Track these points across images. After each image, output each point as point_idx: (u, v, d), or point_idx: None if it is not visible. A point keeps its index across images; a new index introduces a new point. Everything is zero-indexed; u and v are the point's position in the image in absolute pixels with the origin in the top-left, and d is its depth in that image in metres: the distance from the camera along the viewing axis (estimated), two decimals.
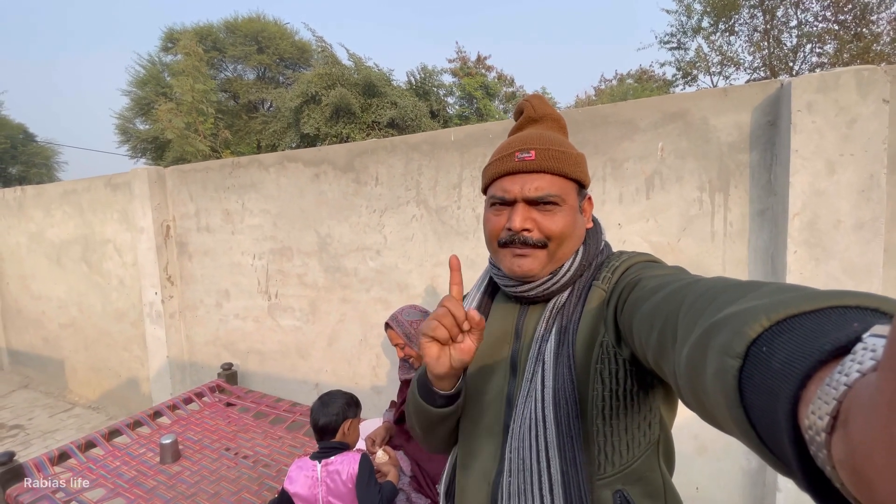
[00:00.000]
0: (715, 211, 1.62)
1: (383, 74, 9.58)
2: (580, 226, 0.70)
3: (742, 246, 1.60)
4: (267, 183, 2.71)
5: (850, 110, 1.36)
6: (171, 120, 9.60)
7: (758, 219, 1.57)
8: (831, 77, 1.38)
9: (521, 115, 0.76)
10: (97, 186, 3.54)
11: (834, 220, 1.39)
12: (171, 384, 3.23)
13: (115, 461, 2.05)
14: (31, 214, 4.11)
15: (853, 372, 0.21)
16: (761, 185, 1.55)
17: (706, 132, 1.61)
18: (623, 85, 15.52)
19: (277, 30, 13.73)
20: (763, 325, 0.29)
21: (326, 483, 1.34)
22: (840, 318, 0.27)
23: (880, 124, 1.34)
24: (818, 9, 10.92)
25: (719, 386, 0.31)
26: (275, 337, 2.86)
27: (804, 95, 1.39)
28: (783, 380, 0.26)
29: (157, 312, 3.18)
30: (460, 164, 2.10)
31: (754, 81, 8.87)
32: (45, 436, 3.34)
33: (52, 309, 4.14)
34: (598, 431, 0.61)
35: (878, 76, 1.35)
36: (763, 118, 1.53)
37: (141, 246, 3.18)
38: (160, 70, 13.08)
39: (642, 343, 0.50)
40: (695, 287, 0.44)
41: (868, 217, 1.37)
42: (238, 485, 1.86)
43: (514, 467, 0.63)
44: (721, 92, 1.58)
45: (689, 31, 12.55)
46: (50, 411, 3.81)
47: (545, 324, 0.67)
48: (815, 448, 0.23)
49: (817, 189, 1.40)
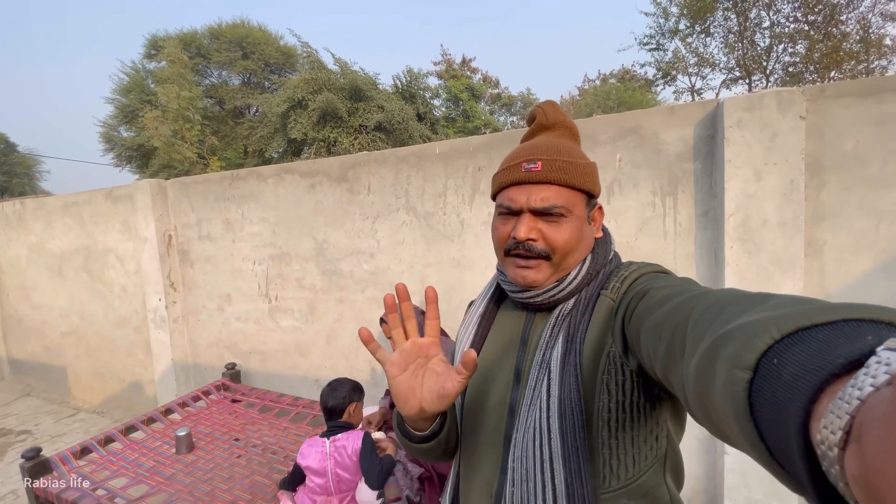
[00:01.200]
0: (666, 213, 1.86)
1: (369, 78, 9.74)
2: (587, 236, 0.69)
3: (690, 242, 1.84)
4: (266, 193, 2.90)
5: (772, 126, 1.61)
6: (157, 128, 9.67)
7: (702, 219, 1.81)
8: (756, 98, 1.62)
9: (533, 122, 0.75)
10: (98, 199, 3.69)
11: (762, 219, 1.64)
12: (176, 386, 3.40)
13: (134, 454, 2.23)
14: (31, 227, 4.23)
15: (866, 386, 0.21)
16: (704, 189, 1.80)
17: (657, 145, 1.85)
18: (606, 85, 15.83)
19: (262, 35, 13.79)
20: (774, 336, 0.29)
21: (334, 457, 1.55)
22: (853, 331, 0.26)
23: (798, 138, 1.59)
24: (789, 10, 11.35)
25: (728, 398, 0.30)
26: (276, 337, 3.05)
27: (735, 113, 1.64)
28: (794, 393, 0.25)
29: (161, 317, 3.35)
30: (445, 174, 2.31)
31: (730, 82, 9.10)
32: (54, 439, 3.48)
33: (53, 318, 4.26)
34: (603, 443, 0.60)
35: (796, 97, 1.60)
36: (704, 132, 1.78)
37: (144, 255, 3.34)
38: (144, 77, 13.05)
39: (650, 354, 0.50)
40: (704, 299, 0.44)
41: (790, 216, 1.62)
42: (250, 469, 2.05)
43: (517, 477, 0.63)
44: (669, 110, 1.82)
45: (666, 33, 12.91)
46: (55, 417, 3.94)
47: (550, 331, 0.67)
48: (827, 463, 0.22)
49: (748, 193, 1.64)
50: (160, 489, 1.93)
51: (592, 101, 14.49)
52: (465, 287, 2.35)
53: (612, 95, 14.55)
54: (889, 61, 10.87)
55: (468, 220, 2.29)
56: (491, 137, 2.21)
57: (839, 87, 1.59)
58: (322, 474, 1.54)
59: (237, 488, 1.91)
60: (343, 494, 1.58)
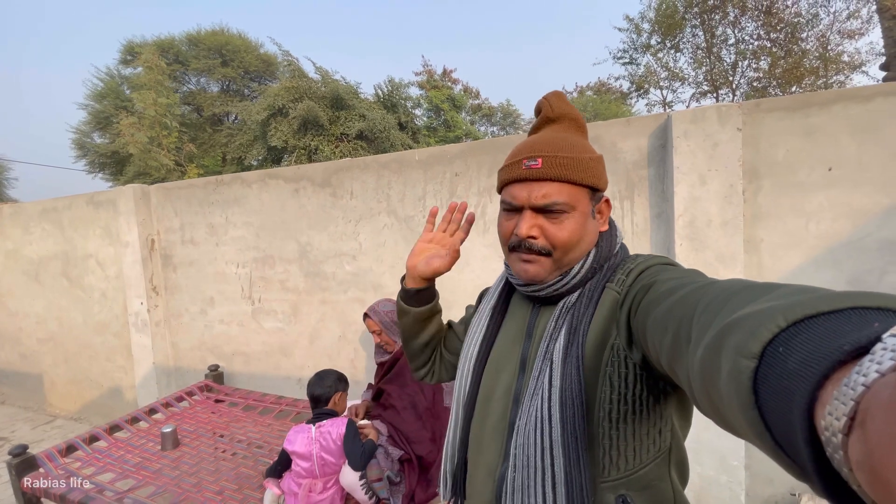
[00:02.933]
0: (624, 215, 2.04)
1: (351, 87, 9.84)
2: (591, 231, 0.70)
3: (646, 242, 2.03)
4: (250, 198, 2.99)
5: (714, 136, 1.80)
6: (133, 134, 9.57)
7: (656, 220, 2.00)
8: (700, 111, 1.82)
9: (539, 114, 0.75)
10: (79, 204, 3.70)
11: (706, 219, 1.83)
12: (158, 389, 3.42)
13: (119, 451, 2.27)
14: (7, 233, 4.18)
15: (872, 372, 0.21)
16: (658, 193, 1.98)
17: (616, 153, 2.03)
18: (583, 97, 16.31)
19: (242, 43, 13.77)
20: (780, 325, 0.29)
21: (319, 441, 1.65)
22: (859, 319, 0.27)
23: (735, 147, 1.79)
24: (753, 27, 11.98)
25: (733, 387, 0.30)
26: (259, 339, 3.12)
27: (681, 125, 1.83)
28: (799, 380, 0.25)
29: (143, 321, 3.37)
30: (424, 179, 2.46)
31: (703, 96, 9.45)
32: (33, 445, 3.43)
33: (30, 325, 4.21)
34: (603, 434, 0.62)
35: (734, 111, 1.81)
36: (657, 142, 1.97)
37: (126, 259, 3.37)
38: (119, 83, 12.85)
39: (656, 346, 0.50)
40: (710, 289, 0.44)
41: (731, 216, 1.81)
42: (235, 462, 2.13)
43: (518, 463, 0.64)
44: (625, 122, 2.01)
45: (639, 48, 13.45)
46: (31, 424, 3.89)
47: (555, 322, 0.68)
48: (831, 449, 0.22)
49: (694, 196, 1.83)
50: (147, 482, 1.99)
51: None
52: (443, 287, 2.48)
53: (588, 107, 15.01)
54: (846, 76, 11.58)
55: None
56: (467, 146, 2.37)
57: (772, 102, 1.81)
58: (308, 458, 1.65)
59: (223, 479, 1.98)
60: (327, 478, 1.68)
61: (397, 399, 1.84)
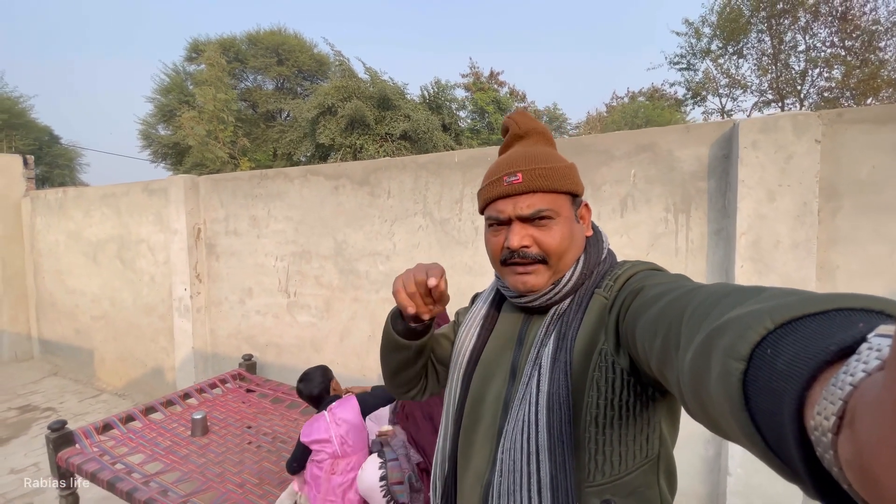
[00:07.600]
0: (678, 230, 1.88)
1: (398, 88, 9.96)
2: (578, 235, 0.72)
3: (702, 260, 1.86)
4: (291, 193, 3.02)
5: (787, 148, 1.62)
6: (193, 127, 10.10)
7: (714, 237, 1.83)
8: (771, 120, 1.64)
9: (507, 133, 0.78)
10: (135, 191, 3.89)
11: (774, 240, 1.65)
12: (195, 373, 3.53)
13: (152, 433, 2.34)
14: (70, 214, 4.48)
15: (859, 372, 0.21)
16: (717, 208, 1.81)
17: (672, 162, 1.87)
18: (635, 103, 15.76)
19: (297, 43, 14.28)
20: (767, 327, 0.29)
21: (336, 422, 1.65)
22: (845, 320, 0.27)
23: (812, 161, 1.60)
24: (826, 34, 11.15)
25: (723, 389, 0.30)
26: (292, 332, 3.15)
27: (750, 135, 1.66)
28: (788, 381, 0.26)
29: (186, 307, 3.49)
30: (462, 181, 2.38)
31: (759, 107, 8.97)
32: (77, 418, 3.64)
33: (85, 302, 4.48)
34: (589, 438, 0.62)
35: (812, 120, 1.62)
36: (719, 152, 1.80)
37: (174, 246, 3.50)
38: (184, 79, 13.64)
39: (645, 350, 0.50)
40: (697, 293, 0.44)
41: (802, 238, 1.62)
42: (259, 455, 2.13)
43: (505, 468, 0.65)
44: (684, 128, 1.85)
45: (698, 53, 12.82)
46: (79, 397, 4.12)
47: (545, 329, 0.69)
48: (821, 449, 0.23)
49: (760, 213, 1.66)
50: (174, 467, 2.03)
51: (619, 119, 14.42)
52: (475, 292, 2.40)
53: (640, 113, 14.46)
54: None
55: (482, 227, 2.34)
56: None
57: (857, 113, 1.60)
58: (329, 441, 1.65)
59: (246, 472, 1.99)
60: (349, 458, 1.67)
61: (417, 408, 1.79)
